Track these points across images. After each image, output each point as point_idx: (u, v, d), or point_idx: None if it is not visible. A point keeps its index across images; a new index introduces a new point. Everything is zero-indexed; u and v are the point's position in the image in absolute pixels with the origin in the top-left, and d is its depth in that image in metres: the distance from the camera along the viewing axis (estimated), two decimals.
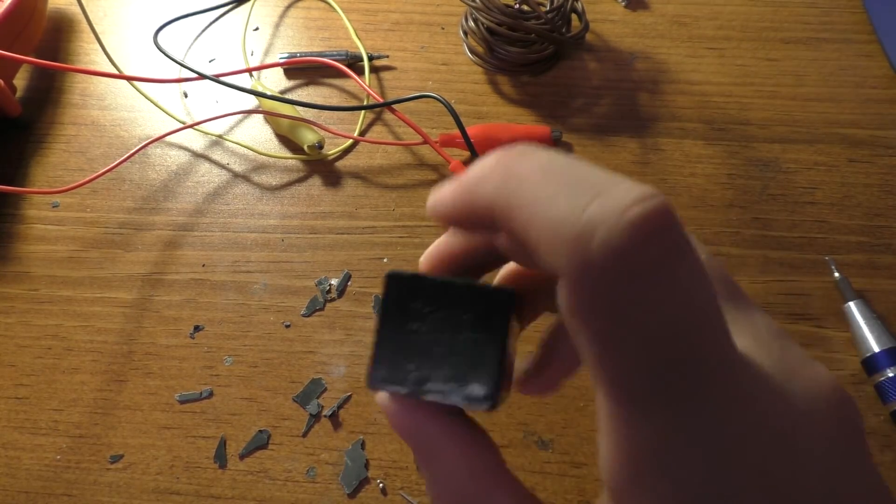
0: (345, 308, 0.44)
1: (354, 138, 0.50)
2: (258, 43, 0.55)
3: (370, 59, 0.53)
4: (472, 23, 0.51)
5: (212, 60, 0.55)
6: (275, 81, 0.53)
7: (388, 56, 0.54)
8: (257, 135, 0.51)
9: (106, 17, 0.57)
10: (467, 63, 0.53)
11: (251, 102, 0.52)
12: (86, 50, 0.56)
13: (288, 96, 0.53)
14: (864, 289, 0.43)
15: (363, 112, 0.51)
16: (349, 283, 0.45)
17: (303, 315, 0.44)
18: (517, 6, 0.49)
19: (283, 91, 0.53)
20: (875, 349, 0.40)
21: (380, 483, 0.39)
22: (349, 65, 0.52)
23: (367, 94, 0.50)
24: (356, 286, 0.45)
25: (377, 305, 0.44)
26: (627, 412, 0.14)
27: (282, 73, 0.54)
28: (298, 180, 0.49)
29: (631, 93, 0.51)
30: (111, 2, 0.58)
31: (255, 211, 0.48)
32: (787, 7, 0.54)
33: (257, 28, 0.56)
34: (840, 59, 0.52)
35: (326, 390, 0.42)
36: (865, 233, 0.45)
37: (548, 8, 0.50)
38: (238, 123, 0.52)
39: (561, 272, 0.13)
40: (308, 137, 0.48)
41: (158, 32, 0.51)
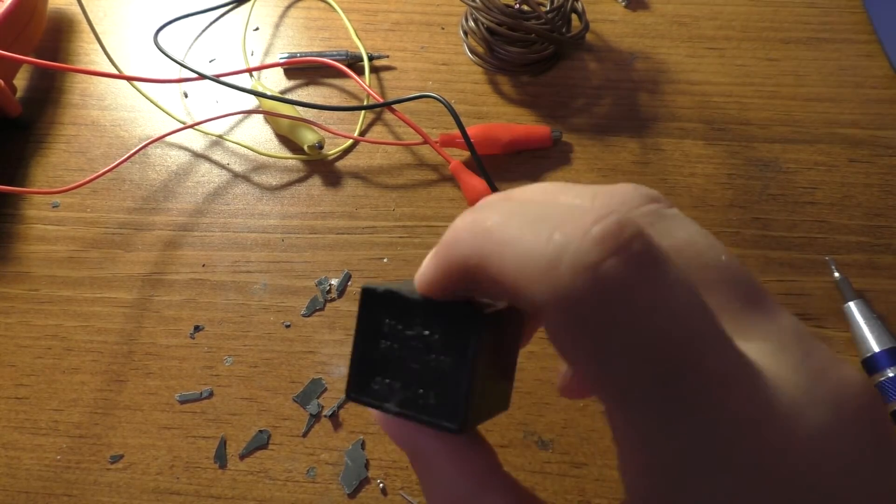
0: (345, 308, 0.44)
1: (354, 138, 0.50)
2: (258, 43, 0.55)
3: (370, 59, 0.53)
4: (472, 23, 0.51)
5: (212, 60, 0.55)
6: (275, 81, 0.53)
7: (388, 56, 0.54)
8: (257, 135, 0.51)
9: (106, 17, 0.57)
10: (467, 63, 0.53)
11: (251, 102, 0.52)
12: (86, 50, 0.56)
13: (288, 96, 0.53)
14: (864, 289, 0.43)
15: (363, 112, 0.51)
16: (349, 283, 0.45)
17: (303, 315, 0.44)
18: (517, 6, 0.49)
19: (283, 91, 0.53)
20: (875, 349, 0.40)
21: (380, 483, 0.39)
22: (349, 65, 0.52)
23: (367, 94, 0.50)
24: (356, 286, 0.45)
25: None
26: (631, 431, 0.14)
27: (282, 73, 0.54)
28: (298, 180, 0.49)
29: (631, 93, 0.51)
30: (111, 2, 0.58)
31: (255, 211, 0.48)
32: (787, 7, 0.54)
33: (257, 28, 0.56)
34: (840, 59, 0.52)
35: (326, 390, 0.42)
36: (865, 233, 0.45)
37: (548, 8, 0.50)
38: (238, 123, 0.52)
39: (539, 305, 0.13)
40: (308, 137, 0.48)
41: (158, 32, 0.51)
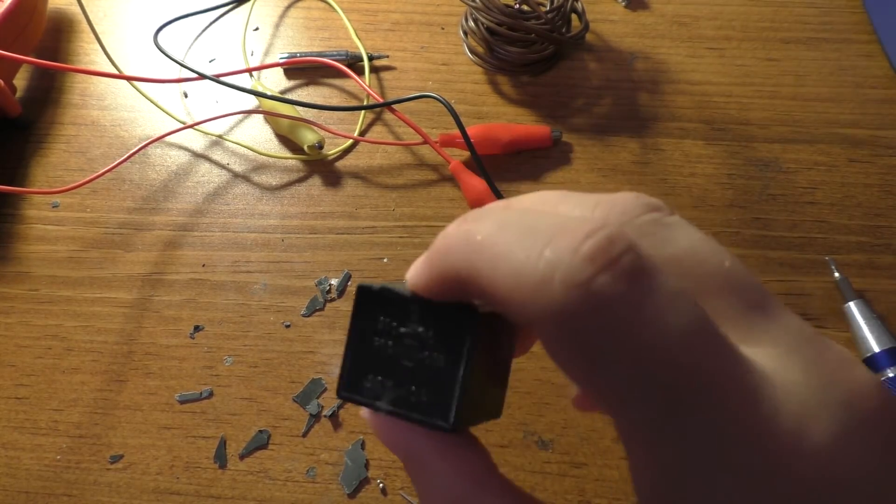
0: (345, 308, 0.44)
1: (354, 138, 0.50)
2: (258, 43, 0.55)
3: (370, 59, 0.53)
4: (472, 23, 0.51)
5: (212, 60, 0.55)
6: (275, 81, 0.53)
7: (388, 56, 0.54)
8: (257, 135, 0.51)
9: (106, 17, 0.57)
10: (467, 63, 0.53)
11: (251, 102, 0.52)
12: (86, 50, 0.56)
13: (288, 96, 0.53)
14: (864, 289, 0.43)
15: (363, 112, 0.51)
16: (349, 283, 0.45)
17: (303, 315, 0.44)
18: (517, 6, 0.49)
19: (283, 91, 0.53)
20: (875, 349, 0.40)
21: (380, 483, 0.39)
22: (349, 65, 0.52)
23: (367, 94, 0.50)
24: (356, 286, 0.45)
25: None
26: (645, 436, 0.14)
27: (282, 73, 0.54)
28: (298, 180, 0.49)
29: (631, 93, 0.51)
30: (111, 2, 0.58)
31: (255, 211, 0.48)
32: (787, 7, 0.54)
33: (257, 28, 0.56)
34: (840, 59, 0.52)
35: (326, 390, 0.42)
36: (865, 233, 0.45)
37: (548, 8, 0.50)
38: (238, 123, 0.52)
39: (532, 321, 0.13)
40: (308, 137, 0.48)
41: (158, 32, 0.51)
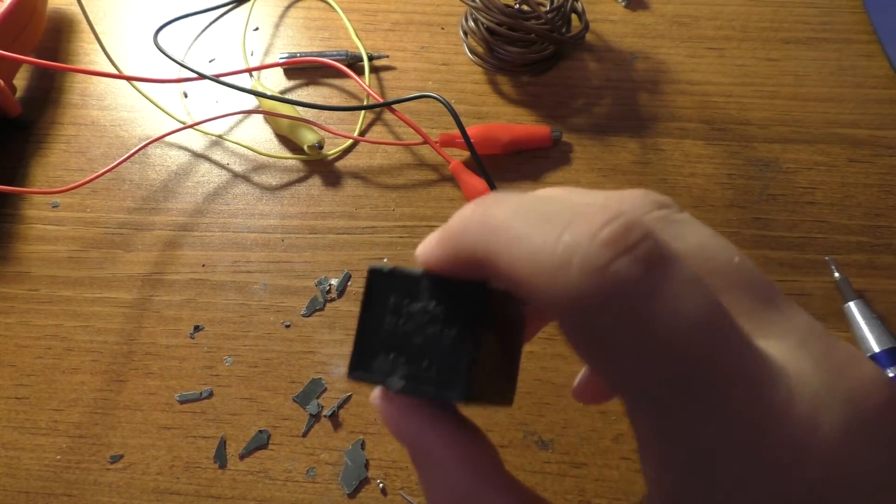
0: (345, 308, 0.44)
1: (354, 138, 0.50)
2: (258, 43, 0.55)
3: (370, 59, 0.53)
4: (472, 23, 0.51)
5: (212, 60, 0.55)
6: (275, 81, 0.53)
7: (388, 56, 0.54)
8: (257, 135, 0.51)
9: (106, 17, 0.57)
10: (467, 63, 0.53)
11: (251, 102, 0.52)
12: (86, 50, 0.56)
13: (288, 96, 0.53)
14: (864, 289, 0.43)
15: (363, 112, 0.51)
16: (349, 283, 0.45)
17: (303, 315, 0.44)
18: (517, 6, 0.49)
19: (283, 91, 0.53)
20: (875, 349, 0.40)
21: (380, 483, 0.39)
22: (349, 65, 0.52)
23: (367, 94, 0.50)
24: (356, 286, 0.45)
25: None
26: (650, 427, 0.14)
27: (282, 73, 0.54)
28: (298, 180, 0.49)
29: (631, 93, 0.51)
30: (111, 2, 0.58)
31: (255, 211, 0.48)
32: (787, 7, 0.54)
33: (257, 28, 0.56)
34: (840, 59, 0.52)
35: (326, 390, 0.42)
36: (865, 233, 0.45)
37: (548, 8, 0.50)
38: (238, 123, 0.52)
39: (550, 304, 0.14)
40: (308, 137, 0.48)
41: (158, 32, 0.51)
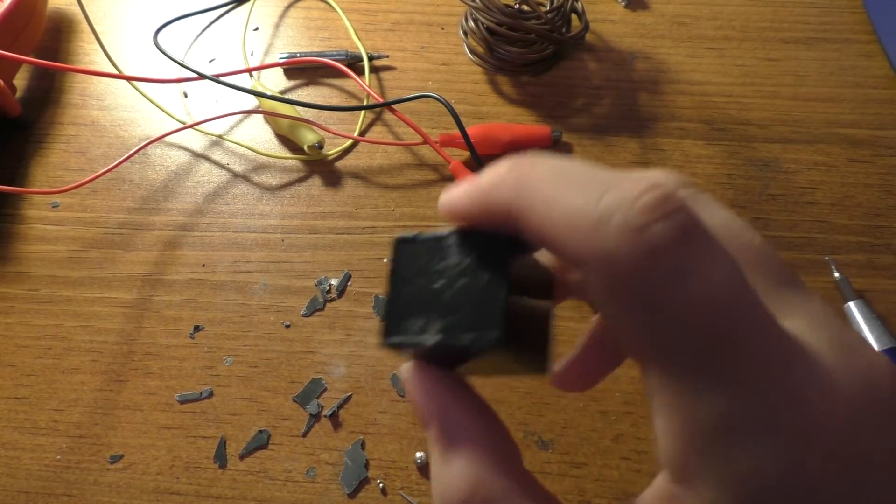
0: (345, 308, 0.44)
1: (354, 138, 0.50)
2: (258, 43, 0.55)
3: (370, 59, 0.53)
4: (472, 23, 0.51)
5: (212, 60, 0.55)
6: (275, 81, 0.53)
7: (388, 56, 0.54)
8: (257, 135, 0.51)
9: (106, 17, 0.57)
10: (467, 63, 0.53)
11: (251, 102, 0.52)
12: (86, 50, 0.56)
13: (288, 96, 0.53)
14: (864, 289, 0.43)
15: (363, 112, 0.51)
16: (349, 283, 0.45)
17: (303, 315, 0.44)
18: (517, 6, 0.49)
19: (283, 91, 0.53)
20: (875, 349, 0.40)
21: (380, 483, 0.39)
22: (349, 65, 0.52)
23: (367, 94, 0.50)
24: (356, 286, 0.45)
25: (377, 306, 0.44)
26: (677, 389, 0.14)
27: (282, 73, 0.54)
28: (298, 180, 0.49)
29: (631, 93, 0.51)
30: (111, 2, 0.58)
31: (255, 211, 0.48)
32: (787, 7, 0.54)
33: (257, 28, 0.56)
34: (840, 59, 0.52)
35: (326, 390, 0.42)
36: (865, 233, 0.45)
37: (548, 8, 0.50)
38: (238, 123, 0.52)
39: (583, 261, 0.14)
40: (308, 137, 0.48)
41: (158, 32, 0.51)
